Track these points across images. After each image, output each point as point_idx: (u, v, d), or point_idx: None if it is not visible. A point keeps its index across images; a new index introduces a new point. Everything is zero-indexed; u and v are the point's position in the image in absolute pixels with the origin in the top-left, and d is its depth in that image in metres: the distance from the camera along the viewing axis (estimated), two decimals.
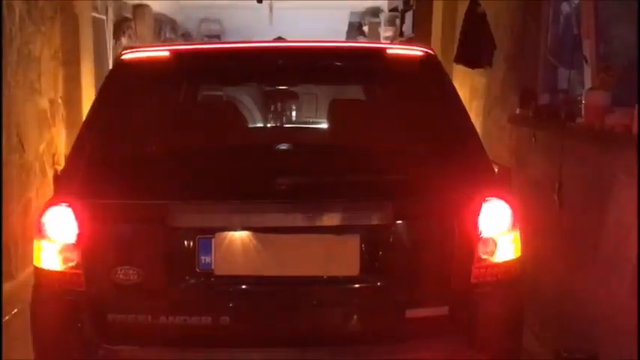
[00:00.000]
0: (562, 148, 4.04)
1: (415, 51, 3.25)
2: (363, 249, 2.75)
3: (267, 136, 4.02)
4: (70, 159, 2.99)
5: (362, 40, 11.62)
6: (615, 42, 4.22)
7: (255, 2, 9.46)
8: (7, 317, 4.42)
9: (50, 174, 5.33)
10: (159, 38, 11.65)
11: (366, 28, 12.35)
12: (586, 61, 4.25)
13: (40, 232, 2.81)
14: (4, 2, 4.96)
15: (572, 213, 3.96)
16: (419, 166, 2.94)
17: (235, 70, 3.30)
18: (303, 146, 3.45)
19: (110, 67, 6.75)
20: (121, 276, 2.73)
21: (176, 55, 3.15)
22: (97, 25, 7.78)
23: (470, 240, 2.79)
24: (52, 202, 2.85)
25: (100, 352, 2.80)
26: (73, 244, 2.75)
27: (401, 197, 2.80)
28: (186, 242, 2.75)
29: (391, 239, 2.78)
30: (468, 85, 6.25)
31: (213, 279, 2.77)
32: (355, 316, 2.84)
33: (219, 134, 3.14)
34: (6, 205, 4.91)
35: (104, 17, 8.30)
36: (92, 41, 7.10)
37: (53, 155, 6.07)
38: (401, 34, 9.02)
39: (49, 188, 3.21)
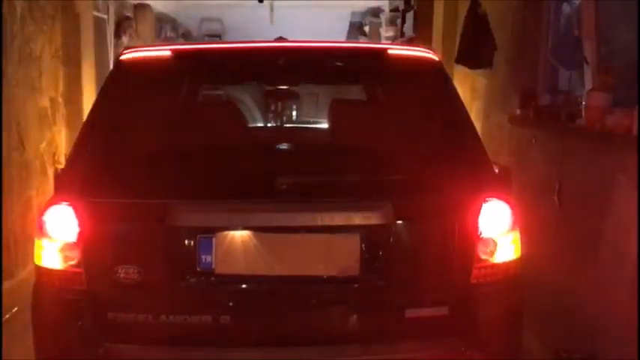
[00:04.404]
0: (562, 149, 4.04)
1: (416, 51, 3.25)
2: (364, 249, 2.76)
3: (268, 136, 4.02)
4: (71, 158, 2.99)
5: (363, 41, 11.62)
6: (616, 43, 4.22)
7: (256, 2, 9.46)
8: (7, 315, 4.43)
9: (51, 173, 5.34)
10: (159, 37, 11.65)
11: (367, 28, 12.34)
12: (586, 62, 4.26)
13: (40, 231, 2.81)
14: (5, 1, 4.97)
15: (572, 213, 3.96)
16: (419, 167, 2.94)
17: (236, 69, 3.30)
18: (303, 146, 3.45)
19: (111, 66, 6.74)
20: (121, 275, 2.74)
21: (177, 54, 3.16)
22: (98, 24, 7.78)
23: (470, 240, 2.80)
24: (52, 201, 2.85)
25: (100, 350, 2.80)
26: (74, 242, 2.76)
27: (401, 197, 2.80)
28: (187, 241, 2.75)
29: (391, 239, 2.78)
30: (468, 86, 6.26)
31: (213, 278, 2.78)
32: (355, 316, 2.84)
33: (220, 134, 3.14)
34: (6, 203, 4.91)
35: (105, 16, 8.30)
36: (93, 40, 7.10)
37: (54, 154, 6.08)
38: (402, 34, 9.02)
39: (50, 187, 3.22)
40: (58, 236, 2.78)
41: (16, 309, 4.44)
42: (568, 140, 4.03)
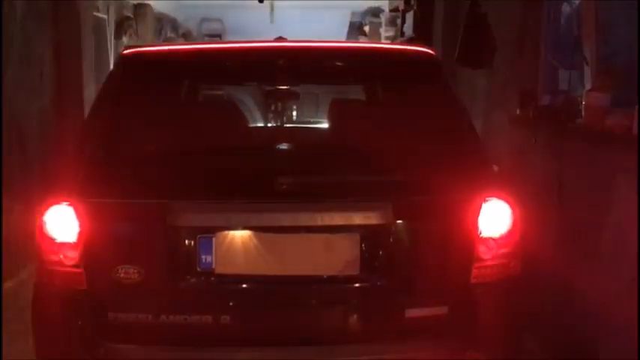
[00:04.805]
0: (562, 149, 4.04)
1: (416, 51, 3.26)
2: (364, 248, 2.76)
3: (268, 136, 4.02)
4: (71, 158, 2.99)
5: (363, 40, 11.63)
6: (616, 43, 4.22)
7: (257, 2, 9.47)
8: (8, 315, 4.43)
9: (51, 173, 5.33)
10: (160, 37, 11.66)
11: (367, 28, 12.36)
12: (586, 62, 4.26)
13: (41, 231, 2.81)
14: (5, 1, 4.97)
15: (573, 213, 3.97)
16: (419, 166, 2.94)
17: (236, 69, 3.31)
18: (303, 146, 3.45)
19: (111, 66, 6.76)
20: (121, 275, 2.74)
21: (177, 54, 3.17)
22: (99, 25, 7.79)
23: (470, 240, 2.80)
24: (53, 201, 2.85)
25: (100, 350, 2.81)
26: (74, 242, 2.76)
27: (401, 197, 2.81)
28: (187, 241, 2.76)
29: (391, 239, 2.79)
30: (469, 86, 6.26)
31: (213, 278, 2.78)
32: (355, 315, 2.84)
33: (220, 133, 3.14)
34: (7, 203, 4.91)
35: (105, 16, 8.30)
36: (93, 40, 7.10)
37: (54, 154, 6.07)
38: (402, 34, 9.03)
39: (50, 187, 3.22)
40: (58, 236, 2.79)
41: (16, 309, 4.44)
42: (568, 140, 4.03)
